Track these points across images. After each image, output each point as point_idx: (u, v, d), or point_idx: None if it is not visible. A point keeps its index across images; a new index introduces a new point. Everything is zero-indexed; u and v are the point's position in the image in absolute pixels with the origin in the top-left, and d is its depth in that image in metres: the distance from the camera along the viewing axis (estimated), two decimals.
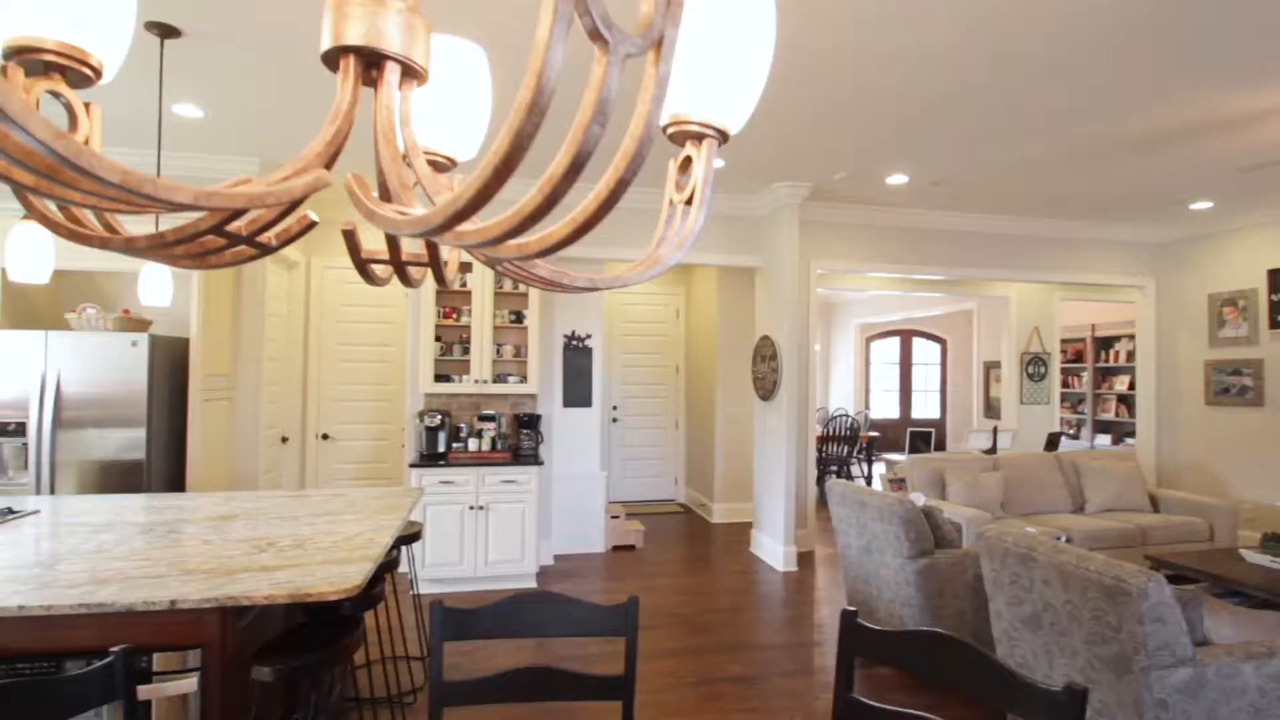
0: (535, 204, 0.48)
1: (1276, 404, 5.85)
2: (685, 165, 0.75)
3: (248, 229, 0.75)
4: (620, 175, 0.50)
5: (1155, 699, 2.13)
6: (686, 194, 0.74)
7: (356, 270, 0.81)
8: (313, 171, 0.62)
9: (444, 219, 0.49)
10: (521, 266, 0.68)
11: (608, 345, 7.65)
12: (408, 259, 0.80)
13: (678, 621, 4.20)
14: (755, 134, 4.21)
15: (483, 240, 0.51)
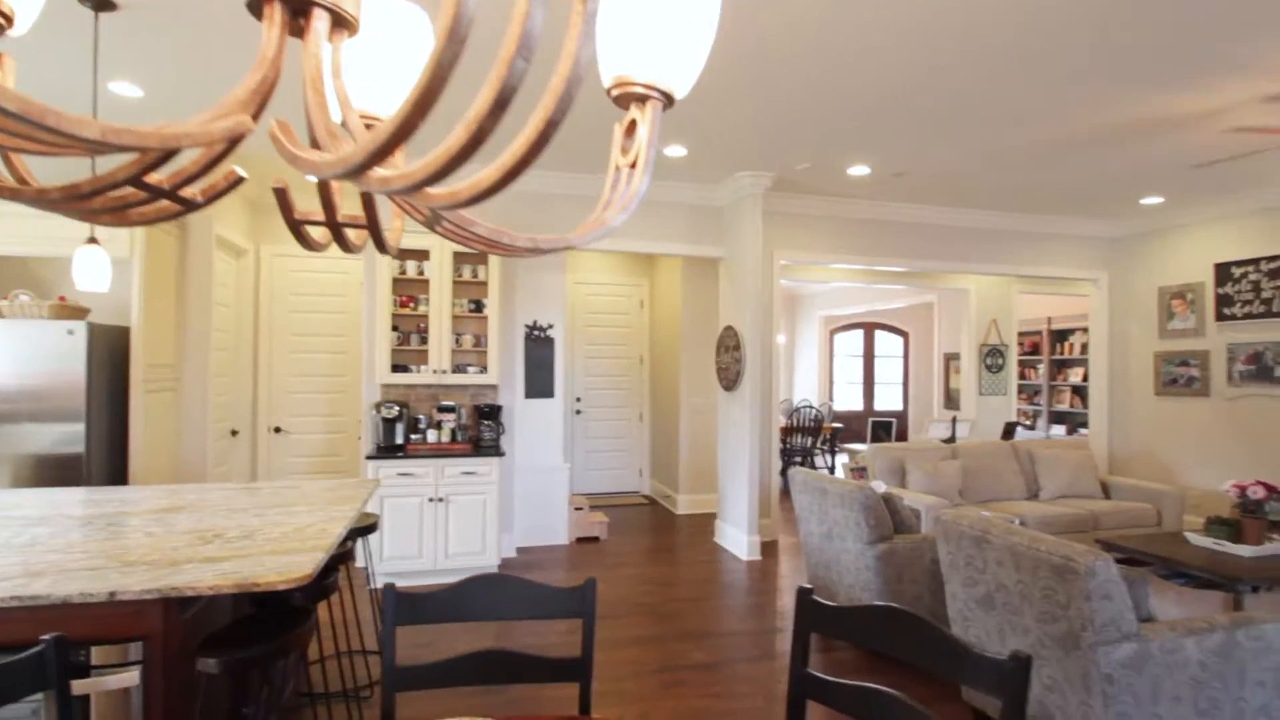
0: (461, 143, 0.46)
1: (1221, 393, 6.07)
2: (630, 129, 0.73)
3: (170, 182, 0.71)
4: (549, 116, 0.47)
5: (1102, 673, 2.18)
6: (631, 158, 0.72)
7: (291, 232, 0.77)
8: (234, 117, 0.58)
9: (365, 156, 0.46)
10: (460, 226, 0.65)
11: (570, 336, 7.60)
12: (344, 220, 0.76)
13: (641, 611, 4.20)
14: (717, 121, 4.21)
15: (409, 184, 0.48)
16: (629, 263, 7.91)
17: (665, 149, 4.72)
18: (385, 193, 0.50)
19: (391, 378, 4.82)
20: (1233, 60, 3.31)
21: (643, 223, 5.63)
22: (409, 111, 0.46)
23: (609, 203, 0.72)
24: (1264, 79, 3.50)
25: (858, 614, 1.36)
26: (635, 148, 0.72)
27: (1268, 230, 5.74)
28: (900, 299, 10.86)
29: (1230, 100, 3.79)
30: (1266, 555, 3.62)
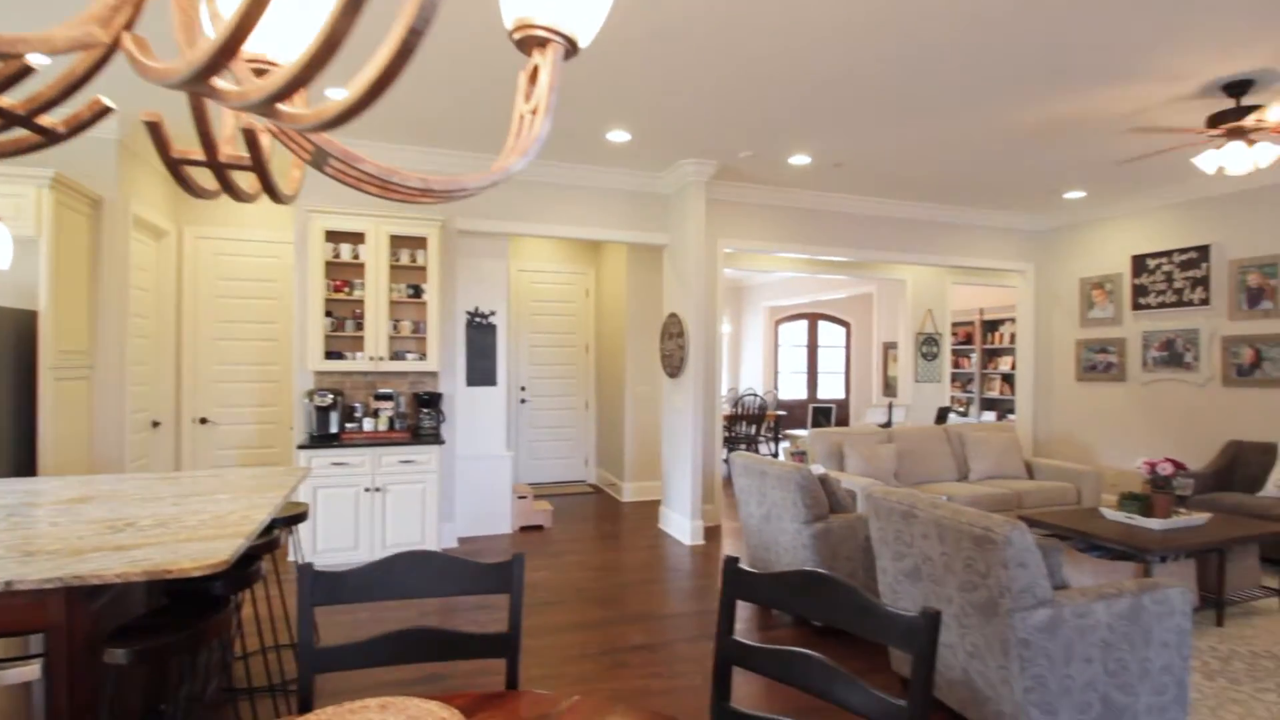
0: (316, 48, 0.43)
1: (1136, 379, 6.42)
2: (533, 76, 0.72)
3: (25, 108, 0.65)
4: (411, 24, 0.45)
5: (1019, 638, 2.28)
6: (534, 104, 0.71)
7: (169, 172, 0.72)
8: (82, 27, 0.54)
9: (209, 57, 0.43)
10: (347, 164, 0.62)
11: (514, 323, 7.52)
12: (227, 160, 0.72)
13: (584, 597, 4.19)
14: (660, 106, 4.20)
15: (264, 96, 0.45)
16: (574, 251, 7.86)
17: (608, 134, 4.69)
18: (243, 108, 0.47)
19: (325, 365, 4.66)
20: (1140, 68, 3.48)
21: (587, 209, 5.60)
22: (248, 5, 0.43)
23: (511, 150, 0.70)
24: (1167, 84, 3.69)
25: (780, 579, 1.38)
26: (537, 93, 0.70)
27: (1180, 224, 6.08)
28: (842, 289, 11.10)
29: (1142, 102, 3.99)
30: (1174, 528, 3.84)
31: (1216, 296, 5.77)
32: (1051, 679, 2.30)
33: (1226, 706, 2.86)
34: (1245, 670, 3.19)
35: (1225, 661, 3.29)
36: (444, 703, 1.34)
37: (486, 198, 5.27)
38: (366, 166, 0.59)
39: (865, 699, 1.20)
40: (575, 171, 5.47)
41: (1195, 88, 3.83)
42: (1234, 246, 5.67)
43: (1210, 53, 3.40)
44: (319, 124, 0.47)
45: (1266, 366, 5.42)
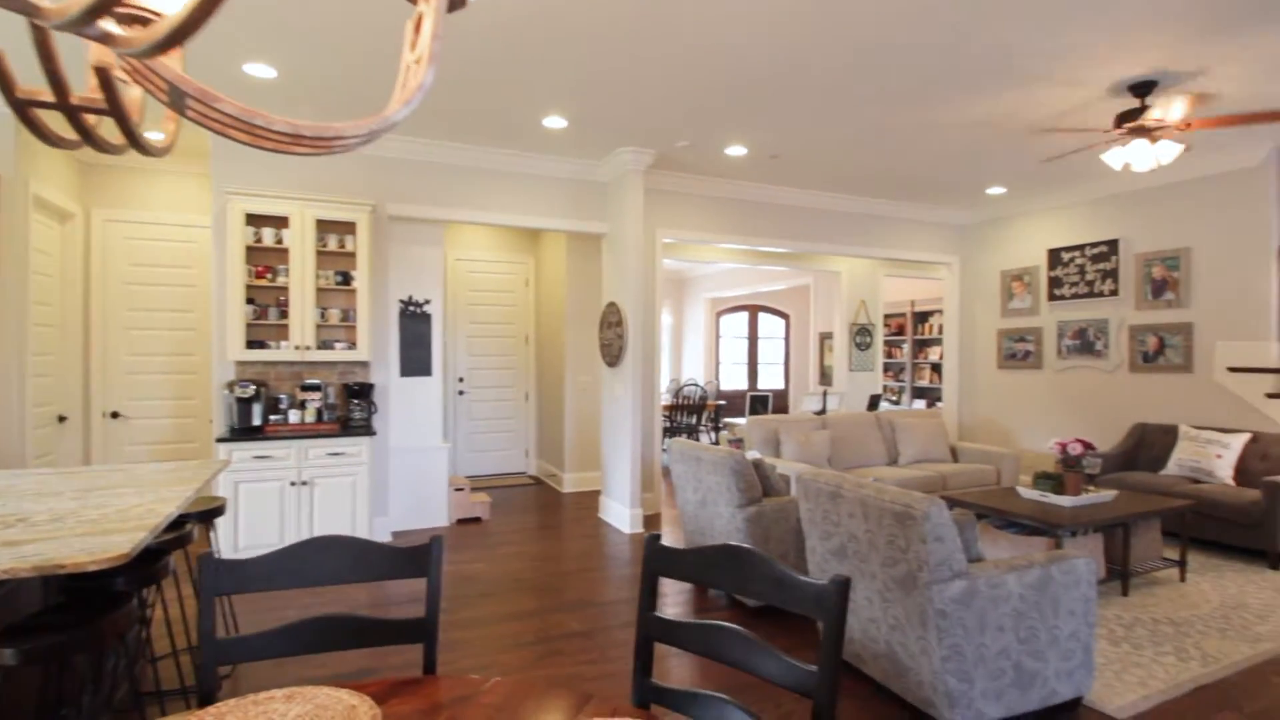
0: None
1: (1051, 366, 6.75)
2: (418, 25, 0.69)
3: None
4: None
5: (936, 609, 2.37)
6: (418, 54, 0.68)
7: (17, 116, 0.66)
8: None
9: None
10: (205, 104, 0.58)
11: (451, 313, 7.37)
12: (80, 103, 0.67)
13: (521, 587, 4.15)
14: (596, 93, 4.17)
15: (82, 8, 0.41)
16: (513, 240, 7.75)
17: (545, 120, 4.63)
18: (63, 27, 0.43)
19: (247, 354, 4.46)
20: (1051, 72, 3.64)
21: (525, 197, 5.52)
22: None
23: (396, 99, 0.67)
24: (1077, 87, 3.87)
25: (700, 554, 1.38)
26: (421, 43, 0.67)
27: (1092, 220, 6.41)
28: (781, 281, 11.29)
29: (1059, 104, 4.18)
30: (1083, 504, 4.06)
31: (1124, 288, 6.12)
32: (967, 648, 2.39)
33: (1130, 670, 3.04)
34: (1147, 636, 3.40)
35: (1129, 629, 3.50)
36: (355, 690, 1.30)
37: (420, 183, 5.13)
38: (226, 107, 0.55)
39: (780, 667, 1.22)
40: (512, 158, 5.38)
41: (1104, 89, 4.03)
42: (1140, 241, 6.02)
43: (1114, 56, 3.58)
44: (152, 45, 0.43)
45: (1169, 353, 5.78)
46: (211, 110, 0.56)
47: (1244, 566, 4.51)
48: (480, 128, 4.81)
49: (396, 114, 0.60)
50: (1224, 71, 3.79)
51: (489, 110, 4.47)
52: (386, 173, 5.05)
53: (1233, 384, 5.38)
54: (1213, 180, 5.51)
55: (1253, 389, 5.26)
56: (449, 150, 5.16)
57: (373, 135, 0.62)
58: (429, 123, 4.71)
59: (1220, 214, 5.47)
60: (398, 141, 4.99)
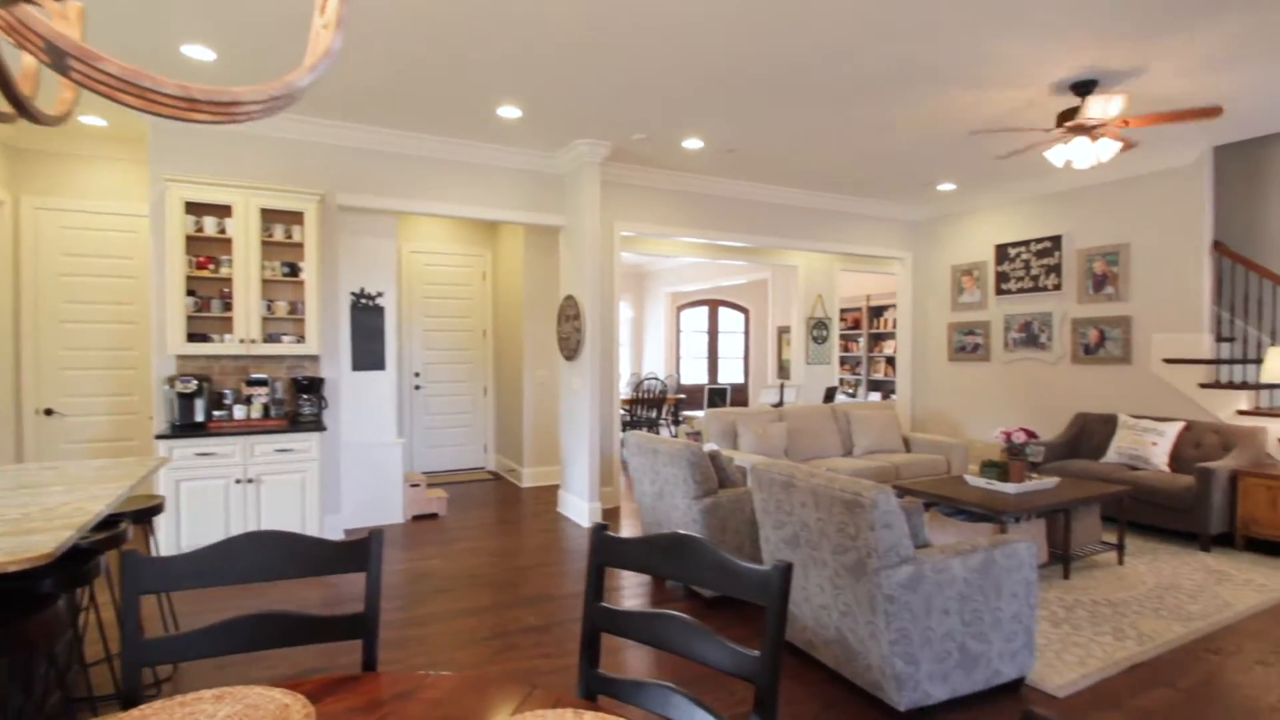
0: None
1: (999, 358, 6.94)
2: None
3: None
4: None
5: (885, 595, 2.41)
6: (327, 19, 0.65)
7: None
8: None
9: None
10: (87, 63, 0.54)
11: (407, 308, 7.24)
12: None
13: (477, 583, 4.10)
14: (552, 84, 4.12)
15: None
16: (470, 232, 7.63)
17: (499, 109, 4.56)
18: None
19: (188, 348, 4.30)
20: (996, 74, 3.73)
21: (480, 188, 5.43)
22: None
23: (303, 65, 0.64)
24: (1023, 88, 3.98)
25: (646, 543, 1.38)
26: (330, 7, 0.64)
27: (1037, 216, 6.61)
28: (741, 275, 11.38)
29: (1008, 104, 4.28)
30: (1027, 490, 4.19)
31: (1067, 282, 6.32)
32: (914, 631, 2.45)
33: (1070, 650, 3.15)
34: (1086, 617, 3.53)
35: (1070, 610, 3.62)
36: (289, 689, 1.26)
37: (371, 173, 5.01)
38: (109, 67, 0.52)
39: (723, 653, 1.23)
40: (467, 149, 5.29)
41: (1047, 89, 4.15)
42: (1082, 237, 6.22)
43: (1055, 57, 3.69)
44: None
45: (1109, 345, 6.00)
46: (95, 71, 0.52)
47: (1178, 549, 4.71)
48: (433, 117, 4.71)
49: (302, 80, 0.57)
50: (1161, 69, 3.93)
51: (442, 99, 4.38)
52: (336, 162, 4.92)
53: (1168, 375, 5.61)
54: (1150, 179, 5.73)
55: (1186, 379, 5.49)
56: (402, 140, 5.05)
57: (275, 103, 0.59)
58: (380, 111, 4.60)
59: (1157, 211, 5.69)
60: (348, 130, 4.86)
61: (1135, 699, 2.72)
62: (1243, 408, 5.17)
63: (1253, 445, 4.88)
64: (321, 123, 4.77)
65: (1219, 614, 3.56)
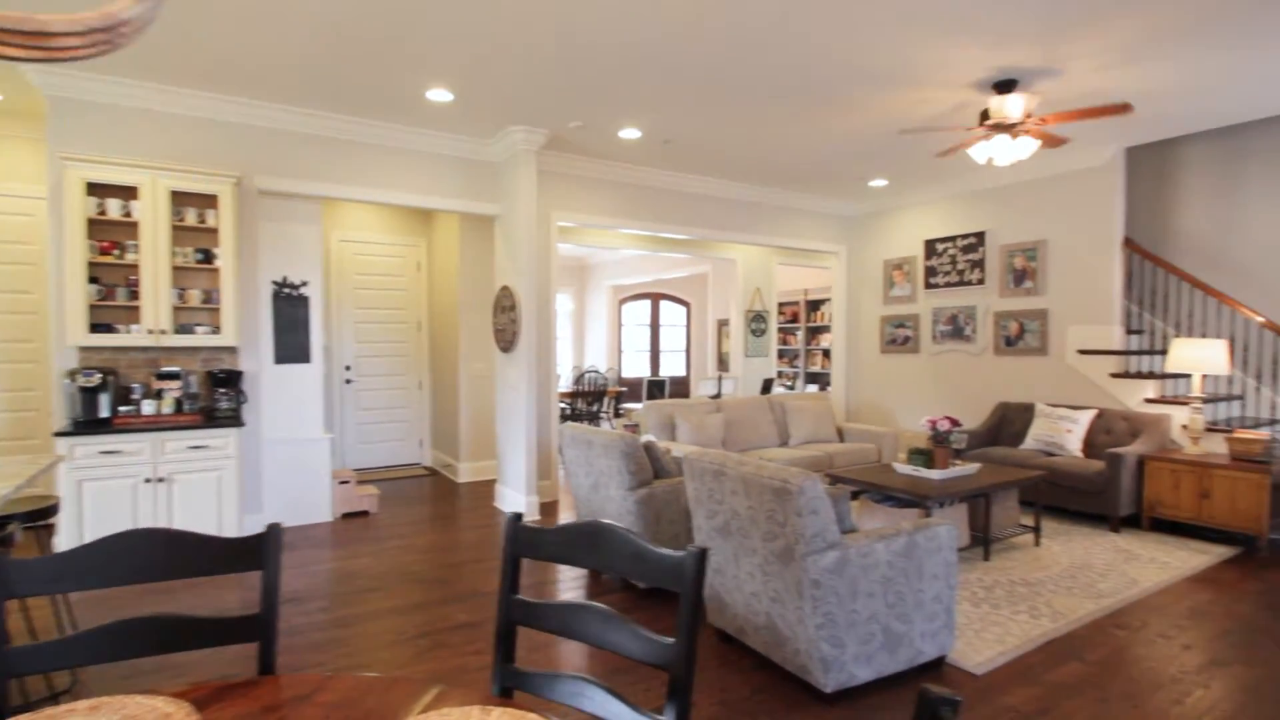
0: None
1: (927, 350, 7.17)
2: None
3: None
4: None
5: (811, 579, 2.44)
6: None
7: None
8: None
9: None
10: None
11: (337, 298, 6.98)
12: None
13: (408, 580, 3.98)
14: (484, 67, 4.01)
15: None
16: (403, 221, 7.41)
17: (429, 93, 4.42)
18: None
19: (91, 339, 4.02)
20: (918, 74, 3.83)
21: (411, 174, 5.26)
22: None
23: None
24: (948, 88, 4.09)
25: (562, 533, 1.34)
26: None
27: (963, 212, 6.84)
28: (682, 269, 11.43)
29: (939, 104, 4.40)
30: (950, 476, 4.33)
31: (990, 277, 6.57)
32: (840, 614, 2.49)
33: (989, 629, 3.26)
34: (1005, 597, 3.67)
35: (989, 590, 3.76)
36: (174, 697, 1.17)
37: (294, 155, 4.79)
38: None
39: (637, 642, 1.20)
40: (397, 133, 5.12)
41: (971, 88, 4.28)
42: (1004, 233, 6.48)
43: (977, 57, 3.80)
44: None
45: (1028, 337, 6.27)
46: None
47: (1090, 530, 4.96)
48: (360, 98, 4.53)
49: (127, 10, 0.51)
50: (1077, 68, 4.10)
51: (368, 79, 4.22)
52: (255, 143, 4.68)
53: (1082, 365, 5.89)
54: (1066, 178, 6.00)
55: (1099, 370, 5.78)
56: (326, 121, 4.84)
57: (98, 39, 0.52)
58: (302, 90, 4.40)
59: (1072, 209, 5.97)
60: (267, 109, 4.63)
61: (1049, 673, 2.84)
62: (1150, 396, 5.48)
63: (1158, 431, 5.17)
64: (238, 101, 4.52)
65: (1126, 591, 3.76)
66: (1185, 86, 4.31)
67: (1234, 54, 3.83)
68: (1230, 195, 5.83)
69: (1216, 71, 4.08)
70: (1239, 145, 5.75)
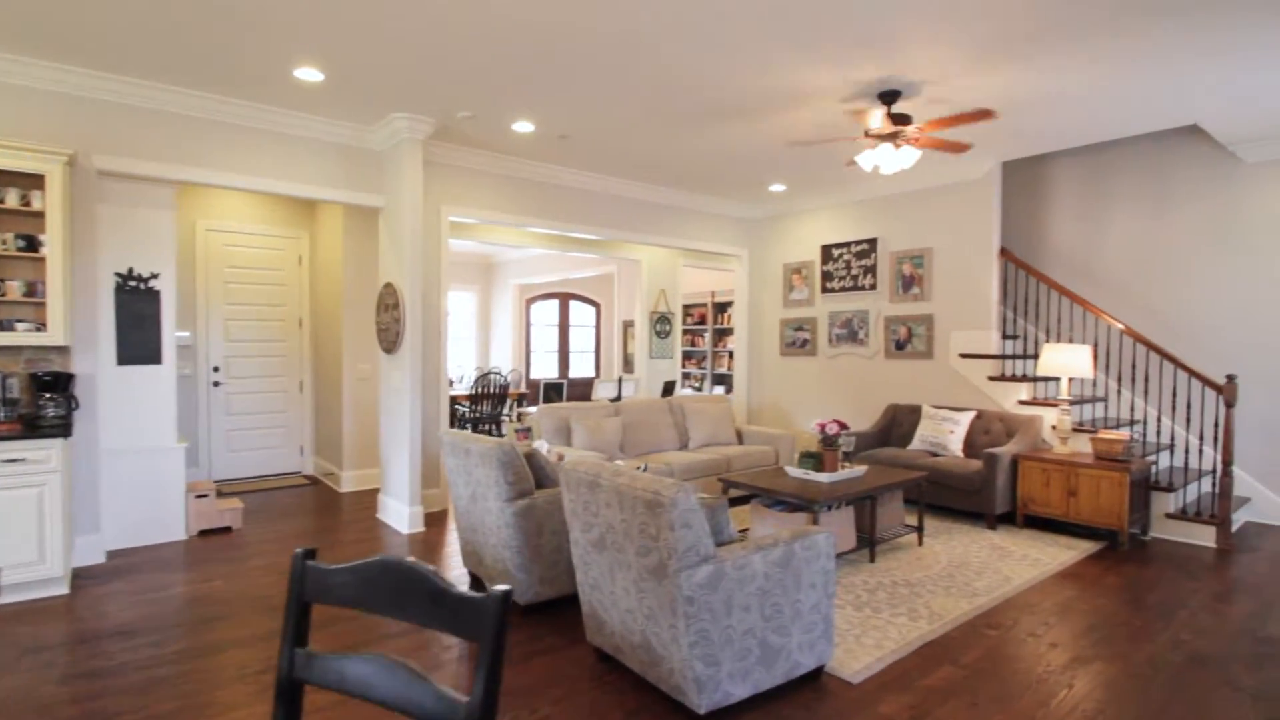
0: None
1: (824, 353, 7.30)
2: None
3: None
4: None
5: (684, 596, 2.32)
6: None
7: None
8: None
9: None
10: None
11: (204, 293, 6.39)
12: None
13: (261, 607, 3.61)
14: (357, 45, 3.70)
15: None
16: (284, 211, 6.88)
17: (296, 71, 4.05)
18: None
19: None
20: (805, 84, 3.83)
21: (283, 160, 4.84)
22: None
23: None
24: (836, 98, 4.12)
25: (354, 572, 1.14)
26: None
27: (858, 219, 7.00)
28: (590, 269, 11.25)
29: (832, 113, 4.42)
30: (839, 479, 4.36)
31: (881, 282, 6.76)
32: (714, 631, 2.38)
33: (868, 634, 3.26)
34: (886, 599, 3.70)
35: (872, 593, 3.79)
36: None
37: (142, 133, 4.29)
38: None
39: (432, 701, 1.02)
40: (265, 114, 4.69)
41: (859, 97, 4.32)
42: (894, 240, 6.67)
43: (858, 66, 3.83)
44: None
45: (915, 342, 6.47)
46: None
47: (969, 528, 5.14)
48: (218, 74, 4.11)
49: None
50: (952, 80, 4.20)
51: (226, 53, 3.82)
52: (93, 117, 4.16)
53: (963, 368, 6.13)
54: (949, 189, 6.23)
55: (978, 373, 6.03)
56: (180, 97, 4.37)
57: None
58: (148, 60, 3.93)
59: (954, 219, 6.20)
60: (108, 80, 4.12)
61: (924, 679, 2.84)
62: (1023, 398, 5.75)
63: (1030, 432, 5.43)
64: (70, 69, 4.00)
65: (1000, 589, 3.87)
66: (1052, 100, 4.52)
67: (1097, 69, 4.03)
68: (1096, 210, 6.22)
69: (1080, 88, 4.29)
70: (1104, 162, 6.14)
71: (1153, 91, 4.29)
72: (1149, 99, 4.42)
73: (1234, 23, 3.37)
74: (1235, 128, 4.96)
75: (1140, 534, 5.00)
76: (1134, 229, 5.99)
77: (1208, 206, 5.60)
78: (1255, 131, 5.03)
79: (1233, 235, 5.49)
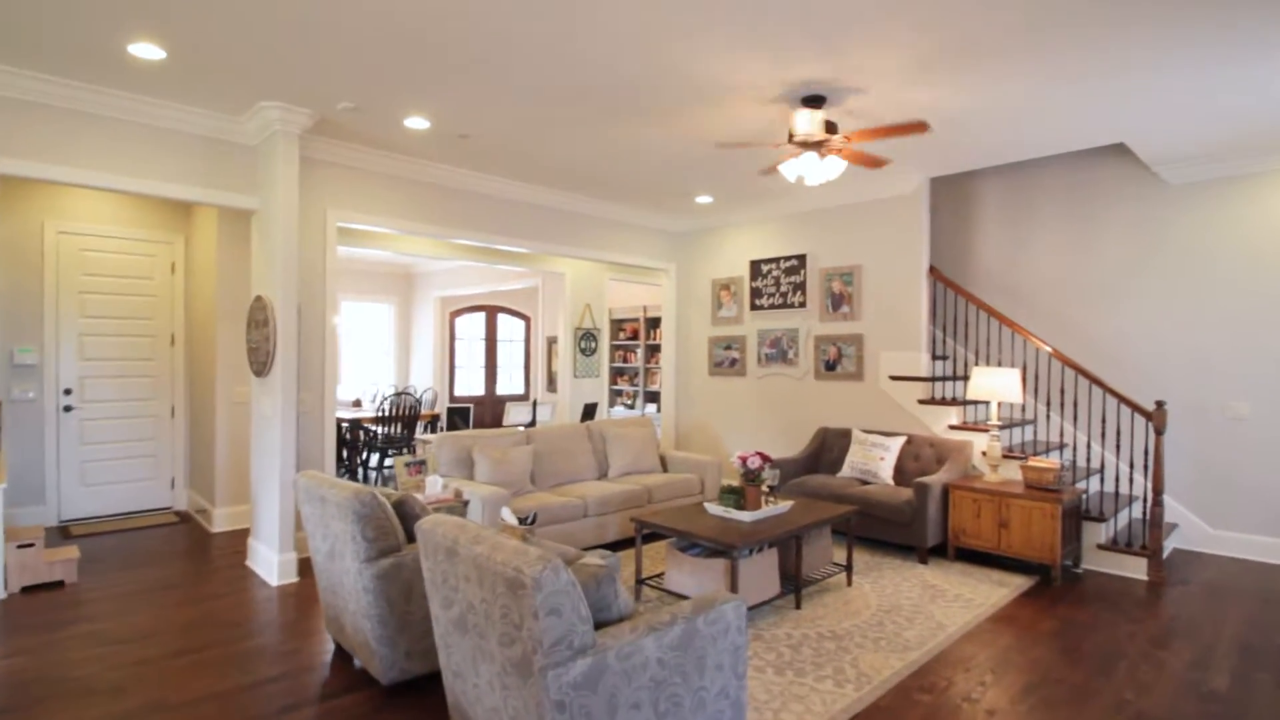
0: None
1: (753, 373, 6.97)
2: None
3: None
4: None
5: (553, 700, 1.84)
6: None
7: None
8: None
9: None
10: None
11: (52, 305, 5.58)
12: None
13: (71, 690, 2.95)
14: (196, 15, 3.12)
15: None
16: (155, 213, 6.11)
17: (130, 45, 3.43)
18: None
19: None
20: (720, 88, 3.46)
21: (134, 153, 4.16)
22: None
23: None
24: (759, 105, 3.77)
25: None
26: None
27: (786, 234, 6.71)
28: (517, 281, 10.68)
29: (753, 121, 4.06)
30: (762, 517, 3.97)
31: (811, 300, 6.47)
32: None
33: (789, 705, 2.85)
34: (811, 657, 3.31)
35: (796, 649, 3.39)
36: None
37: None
38: None
39: None
40: (107, 99, 4.02)
41: (782, 102, 3.98)
42: (823, 257, 6.40)
43: (782, 71, 3.48)
44: None
45: (845, 362, 6.20)
46: None
47: (900, 562, 4.84)
48: (37, 46, 3.44)
49: None
50: (880, 87, 3.91)
51: (44, 22, 3.17)
52: None
53: (893, 391, 5.88)
54: (878, 205, 6.00)
55: (908, 395, 5.78)
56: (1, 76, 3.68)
57: None
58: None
59: (883, 236, 5.97)
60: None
61: None
62: (953, 422, 5.52)
63: (961, 458, 5.19)
64: None
65: (932, 639, 3.54)
66: (981, 114, 4.29)
67: (1026, 83, 3.80)
68: (1023, 229, 6.09)
69: (1008, 102, 4.06)
70: (1030, 181, 6.03)
71: (1078, 109, 4.11)
72: (1075, 115, 4.24)
73: (1150, 41, 3.16)
74: (1159, 149, 4.87)
75: (1073, 566, 4.79)
76: (1060, 248, 5.88)
77: (1135, 229, 5.52)
78: (1178, 153, 4.95)
79: (1160, 258, 5.42)
